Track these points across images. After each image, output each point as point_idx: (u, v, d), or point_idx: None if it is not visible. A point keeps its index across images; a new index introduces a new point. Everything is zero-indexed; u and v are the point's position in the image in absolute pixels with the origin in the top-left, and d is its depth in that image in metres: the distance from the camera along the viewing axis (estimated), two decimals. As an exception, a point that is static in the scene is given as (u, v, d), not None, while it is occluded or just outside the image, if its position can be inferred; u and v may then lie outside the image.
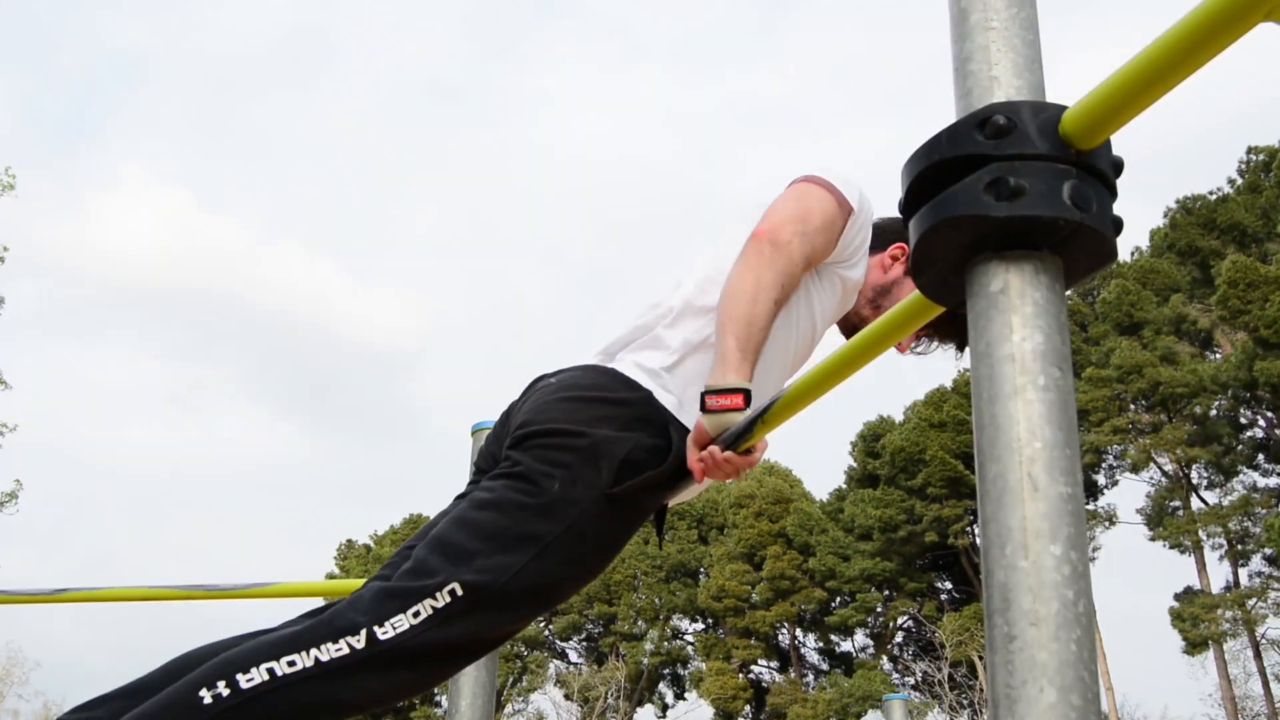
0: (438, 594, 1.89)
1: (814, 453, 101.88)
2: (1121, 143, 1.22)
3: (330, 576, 59.13)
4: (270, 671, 1.79)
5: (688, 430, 2.07)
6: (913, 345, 2.50)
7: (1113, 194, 1.22)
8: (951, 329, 2.45)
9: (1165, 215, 44.64)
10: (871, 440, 48.11)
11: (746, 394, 1.94)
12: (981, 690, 41.44)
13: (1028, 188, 1.15)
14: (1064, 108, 1.18)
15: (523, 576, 1.95)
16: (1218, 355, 40.06)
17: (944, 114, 1.30)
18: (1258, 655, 37.21)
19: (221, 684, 1.78)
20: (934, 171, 1.21)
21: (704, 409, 1.96)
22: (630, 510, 2.07)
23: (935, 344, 2.52)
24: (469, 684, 2.63)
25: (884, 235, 2.47)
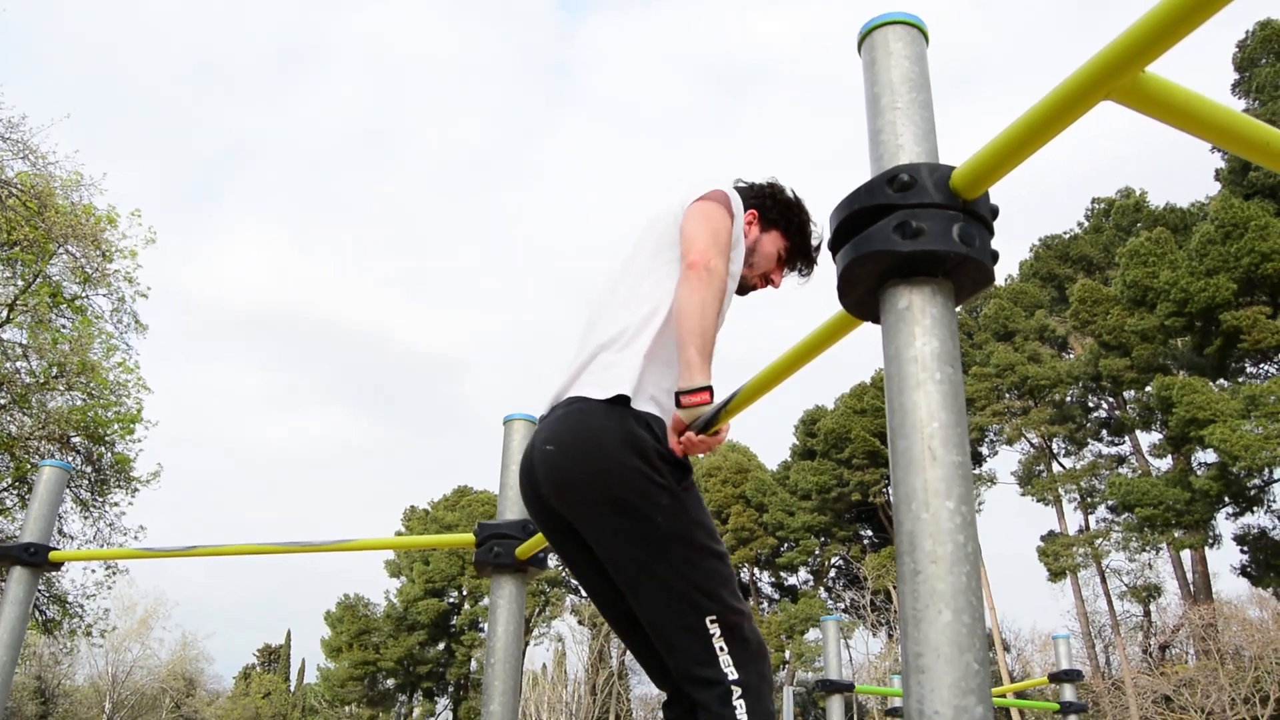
0: (711, 634, 1.86)
1: (766, 434, 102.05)
2: (999, 192, 1.21)
3: (397, 534, 58.96)
4: None
5: (660, 417, 2.01)
6: (783, 280, 2.44)
7: (991, 233, 1.21)
8: (800, 259, 2.41)
9: (1030, 250, 44.67)
10: (810, 424, 47.97)
11: (711, 390, 1.91)
12: (895, 613, 41.43)
13: (926, 229, 1.14)
14: (953, 167, 1.18)
15: (712, 573, 1.92)
16: (1071, 355, 40.08)
17: (860, 174, 1.29)
18: (1103, 580, 37.25)
19: None
20: (854, 217, 1.21)
21: (680, 405, 1.91)
22: (692, 488, 2.00)
23: (796, 273, 2.45)
24: (503, 611, 2.59)
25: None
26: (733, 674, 1.83)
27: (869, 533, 47.92)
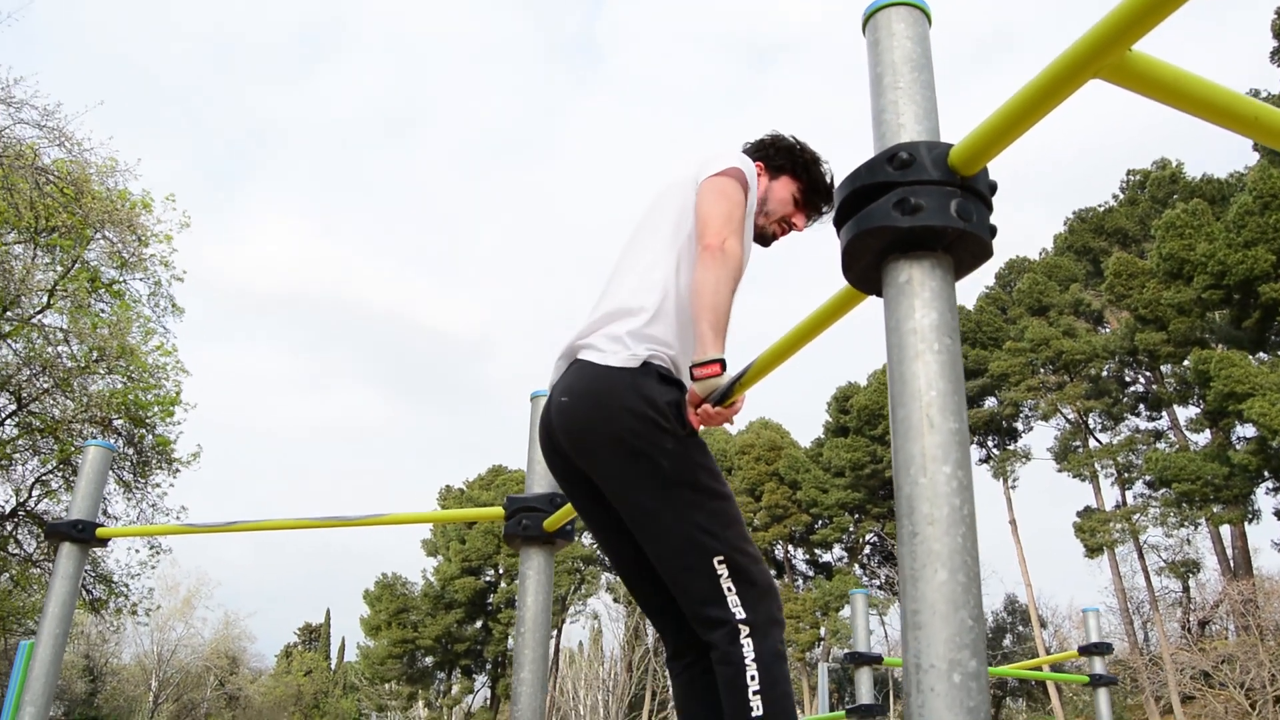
0: (719, 575, 1.93)
1: (799, 411, 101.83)
2: (1032, 170, 1.24)
3: (433, 512, 59.46)
4: (755, 693, 1.87)
5: (668, 367, 2.09)
6: (807, 226, 2.50)
7: (989, 208, 1.25)
8: (818, 197, 2.46)
9: (1065, 223, 44.17)
10: (843, 400, 47.78)
11: (723, 363, 1.96)
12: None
13: (924, 205, 1.18)
14: (950, 145, 1.22)
15: (720, 516, 1.99)
16: (1107, 329, 39.66)
17: (864, 151, 1.33)
18: (1140, 556, 36.93)
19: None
20: (856, 194, 1.25)
21: (693, 378, 1.97)
22: (697, 435, 2.07)
23: (818, 213, 2.50)
24: (532, 582, 2.66)
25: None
26: (740, 613, 1.90)
27: (903, 509, 47.74)
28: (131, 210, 16.07)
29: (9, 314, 15.79)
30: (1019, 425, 42.71)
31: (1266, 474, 31.27)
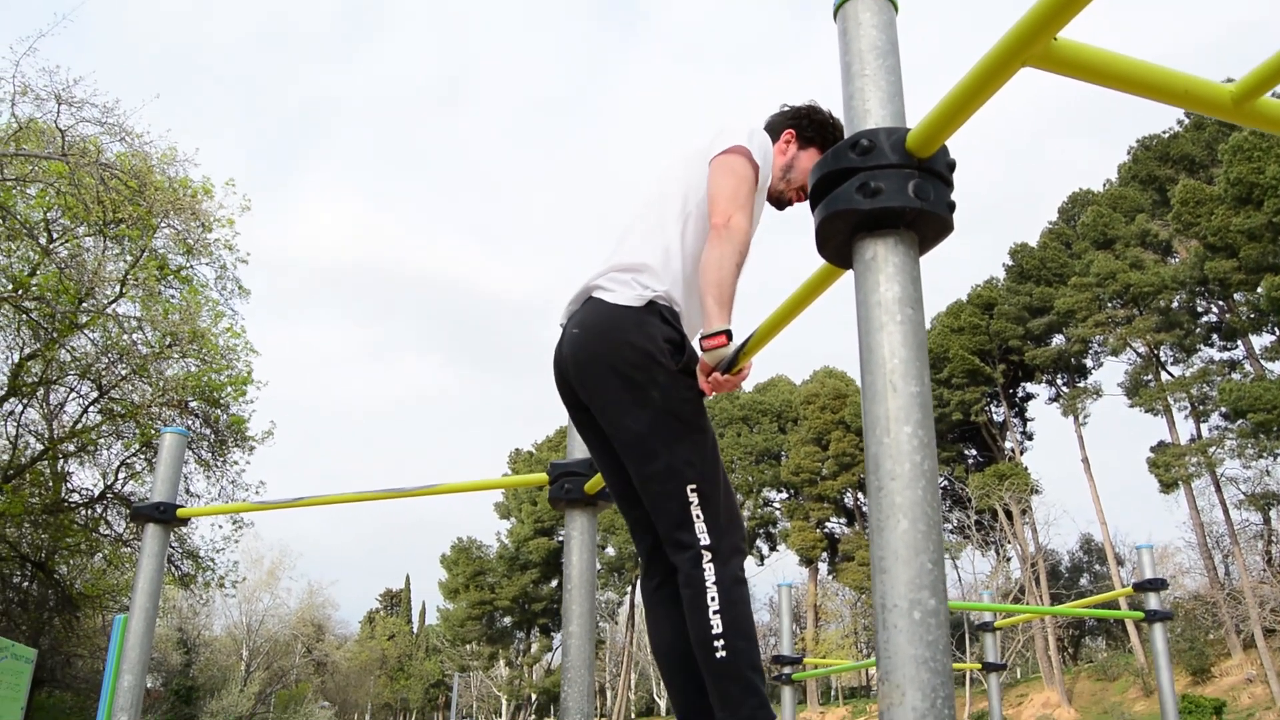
0: (690, 502, 2.10)
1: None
2: (1092, 96, 1.31)
3: (504, 475, 60.39)
4: (715, 613, 2.04)
5: (671, 309, 2.25)
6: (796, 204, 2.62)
7: (949, 186, 1.35)
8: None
9: (1129, 152, 43.01)
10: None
11: (729, 333, 2.10)
12: (1002, 530, 41.05)
13: (884, 188, 1.29)
14: (908, 130, 1.32)
15: (699, 450, 2.16)
16: (1176, 260, 38.70)
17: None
18: (1218, 489, 36.29)
19: (715, 644, 2.03)
20: (825, 179, 1.36)
21: (702, 349, 2.13)
22: (689, 371, 2.20)
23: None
24: (576, 542, 2.82)
25: (775, 129, 2.55)
26: (704, 539, 2.08)
27: (973, 452, 47.39)
28: (194, 197, 16.51)
29: (85, 305, 16.38)
30: (1088, 362, 42.03)
31: (1347, 400, 30.47)
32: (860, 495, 51.36)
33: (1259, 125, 1.29)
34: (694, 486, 2.10)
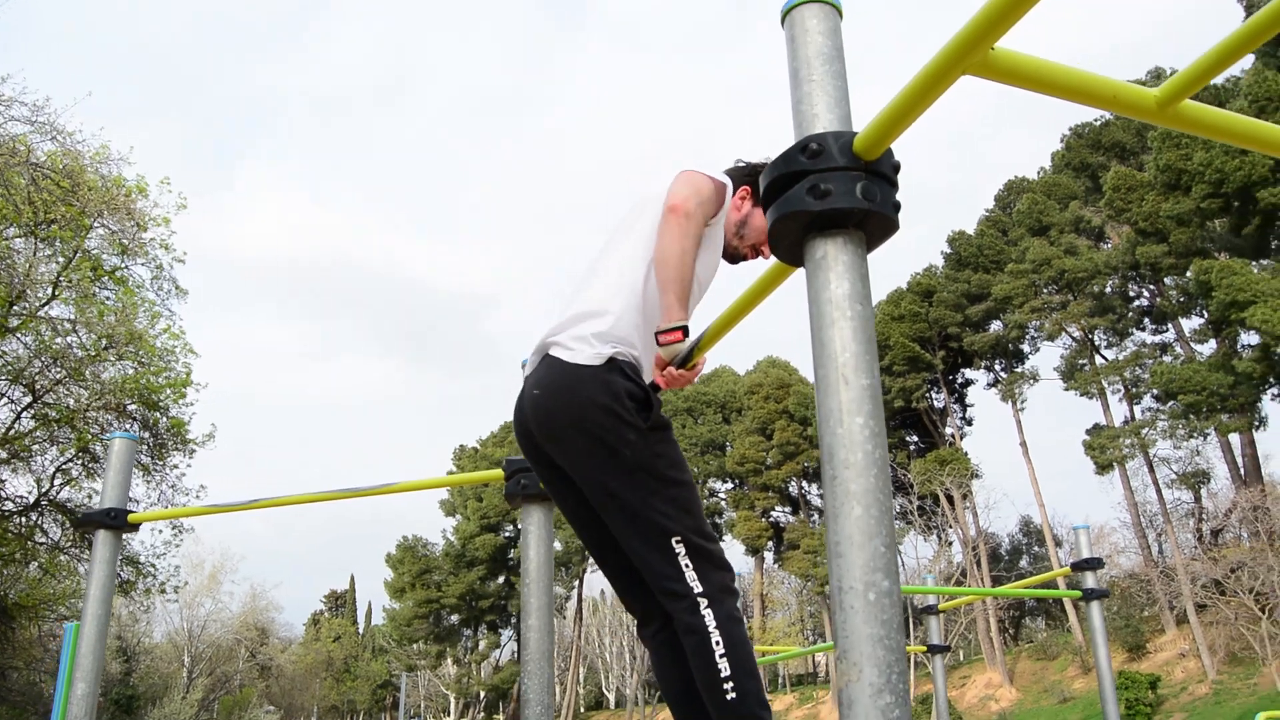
0: (677, 554, 2.12)
1: (806, 349, 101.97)
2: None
3: (449, 473, 60.01)
4: (721, 656, 2.08)
5: (632, 364, 2.25)
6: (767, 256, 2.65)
7: (894, 187, 1.41)
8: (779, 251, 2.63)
9: (1062, 140, 43.90)
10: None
11: (685, 329, 2.15)
12: (944, 515, 41.76)
13: (833, 190, 1.35)
14: (855, 134, 1.38)
15: (679, 503, 2.18)
16: (1108, 245, 39.62)
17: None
18: (1151, 470, 37.24)
19: (725, 686, 2.07)
20: (777, 181, 1.41)
21: (659, 343, 2.16)
22: (660, 424, 2.23)
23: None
24: (534, 537, 2.86)
25: (733, 184, 2.56)
26: (698, 587, 2.11)
27: (914, 438, 48.10)
28: (128, 197, 16.19)
29: (16, 308, 15.99)
30: (1025, 347, 42.86)
31: (1271, 380, 31.44)
32: (804, 484, 51.91)
33: (1180, 127, 1.37)
34: (679, 539, 2.13)
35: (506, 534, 58.36)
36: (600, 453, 2.15)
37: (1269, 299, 28.33)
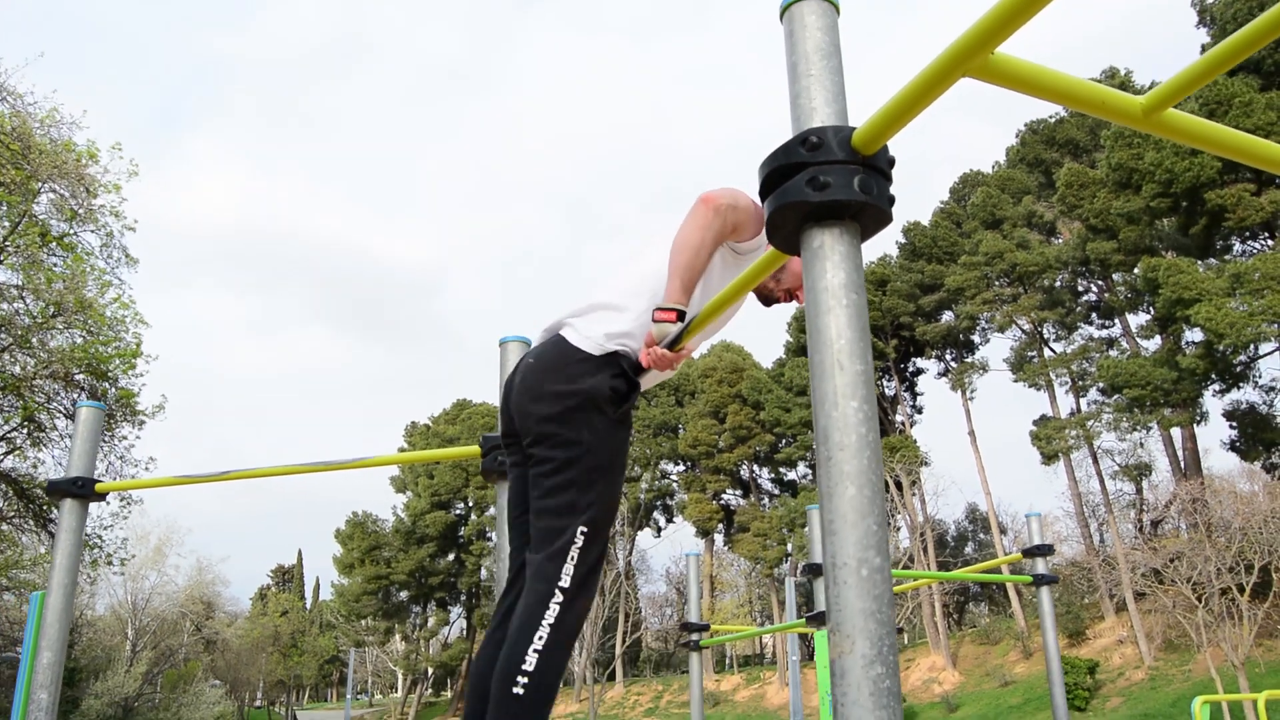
0: (574, 541, 2.15)
1: (760, 333, 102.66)
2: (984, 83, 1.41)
3: (400, 449, 59.65)
4: (535, 651, 2.05)
5: (632, 360, 2.32)
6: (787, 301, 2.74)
7: (889, 180, 1.47)
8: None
9: (1017, 135, 44.47)
10: (802, 320, 48.29)
11: (681, 313, 2.22)
12: (892, 501, 42.32)
13: (832, 182, 1.40)
14: (853, 129, 1.43)
15: (606, 494, 2.23)
16: (1060, 240, 40.24)
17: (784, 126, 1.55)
18: (1095, 461, 38.01)
19: (518, 679, 2.03)
20: (776, 173, 1.46)
21: (654, 320, 2.24)
22: (626, 419, 2.33)
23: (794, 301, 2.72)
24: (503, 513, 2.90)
25: None
26: (565, 581, 2.14)
27: (865, 426, 48.57)
28: (78, 162, 15.87)
29: (-41, 273, 15.64)
30: (975, 338, 43.47)
31: (1213, 377, 32.20)
32: (756, 468, 52.33)
33: (1165, 134, 1.44)
34: (585, 529, 2.17)
35: (457, 511, 58.21)
36: (561, 427, 2.22)
37: (1213, 297, 28.97)
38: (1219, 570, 26.63)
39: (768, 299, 2.71)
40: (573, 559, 2.14)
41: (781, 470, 51.82)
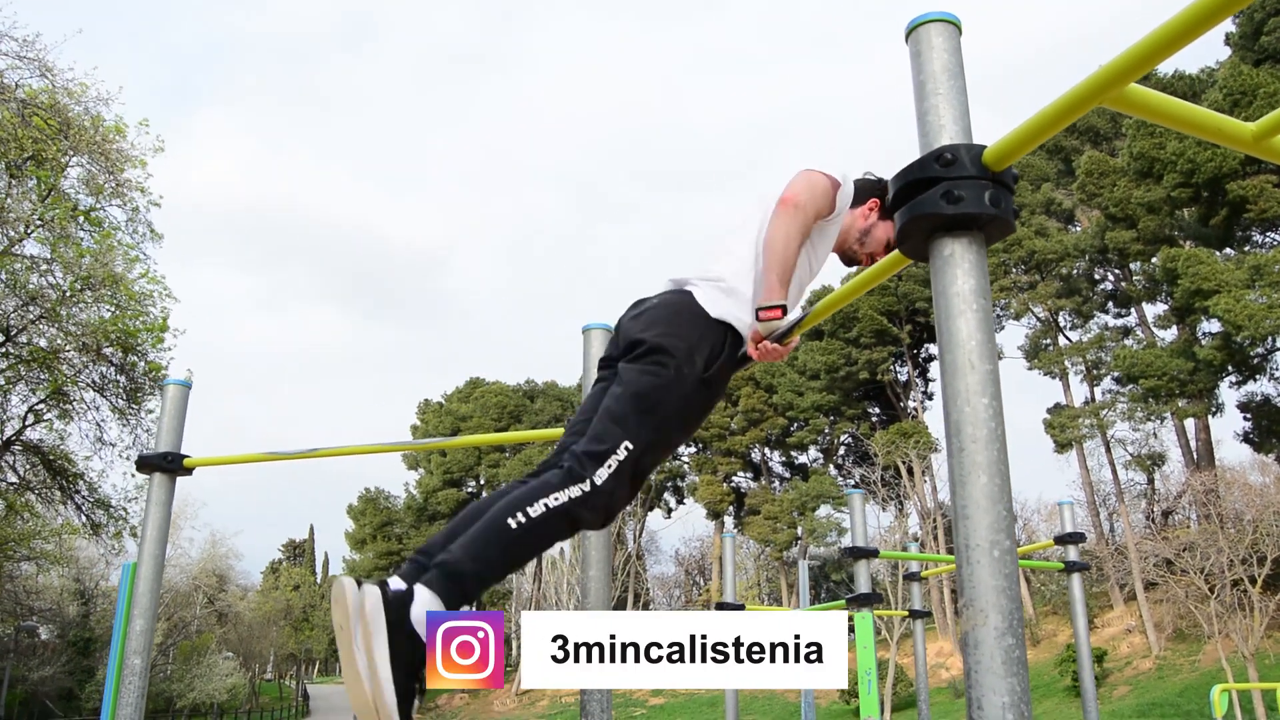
0: (615, 452, 2.22)
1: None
2: (1006, 67, 1.54)
3: (413, 428, 59.96)
4: (545, 505, 2.10)
5: (739, 332, 2.44)
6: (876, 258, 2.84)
7: (1013, 194, 1.59)
8: (905, 247, 2.81)
9: (1036, 122, 44.32)
10: (816, 302, 48.31)
11: (783, 308, 2.36)
12: (903, 489, 42.45)
13: (965, 196, 1.53)
14: (984, 147, 1.55)
15: (662, 436, 2.32)
16: (1078, 228, 40.17)
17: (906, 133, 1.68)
18: (1108, 450, 38.05)
19: (519, 514, 2.08)
20: (909, 186, 1.59)
21: (758, 319, 2.37)
22: (714, 385, 2.42)
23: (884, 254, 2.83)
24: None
25: (861, 194, 2.77)
26: (599, 481, 2.19)
27: (877, 410, 48.73)
28: (106, 138, 16.01)
29: (-9, 245, 15.82)
30: (991, 325, 43.43)
31: (1230, 368, 32.19)
32: (767, 451, 52.49)
33: (1274, 159, 1.56)
34: (630, 448, 2.23)
35: (469, 489, 58.56)
36: (657, 359, 2.32)
37: (1232, 289, 28.95)
38: (1231, 561, 26.74)
39: (850, 259, 2.83)
40: (610, 466, 2.20)
41: (793, 454, 51.95)
